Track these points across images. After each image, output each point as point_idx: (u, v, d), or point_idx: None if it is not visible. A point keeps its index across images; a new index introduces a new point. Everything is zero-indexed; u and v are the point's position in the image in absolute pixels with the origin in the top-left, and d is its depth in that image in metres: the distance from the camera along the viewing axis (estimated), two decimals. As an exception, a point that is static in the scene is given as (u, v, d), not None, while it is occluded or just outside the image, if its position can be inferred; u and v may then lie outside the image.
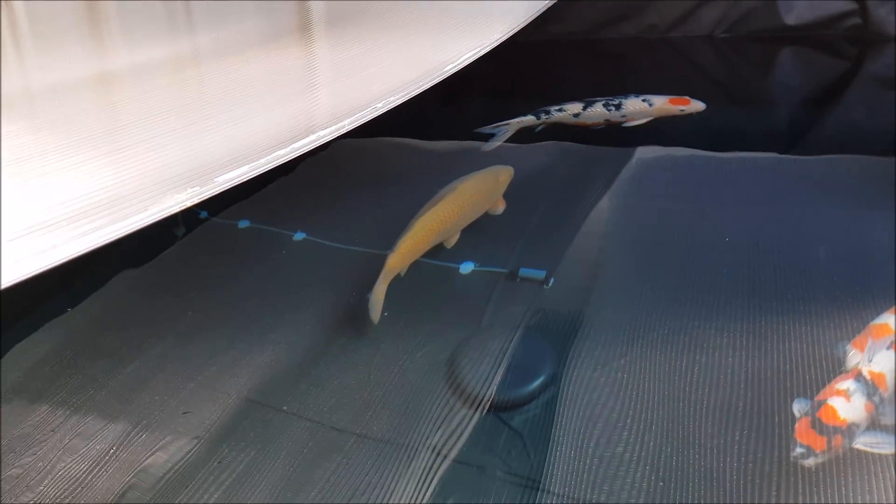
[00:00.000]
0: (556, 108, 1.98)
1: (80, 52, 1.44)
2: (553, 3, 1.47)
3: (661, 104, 1.89)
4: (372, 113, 0.73)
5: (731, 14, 2.42)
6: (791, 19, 2.36)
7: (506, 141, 1.96)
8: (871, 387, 0.94)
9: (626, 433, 1.05)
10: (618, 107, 1.91)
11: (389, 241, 1.56)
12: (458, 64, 0.86)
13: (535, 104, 2.34)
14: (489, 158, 1.86)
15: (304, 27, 1.59)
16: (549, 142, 1.95)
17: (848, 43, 2.33)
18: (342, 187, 1.91)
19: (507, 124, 2.00)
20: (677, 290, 1.31)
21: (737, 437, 1.00)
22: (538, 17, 2.28)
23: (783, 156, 1.76)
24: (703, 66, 2.43)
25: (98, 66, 1.41)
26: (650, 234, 1.52)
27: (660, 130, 1.95)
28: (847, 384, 0.94)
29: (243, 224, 1.77)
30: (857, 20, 2.32)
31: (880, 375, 0.95)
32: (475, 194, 1.49)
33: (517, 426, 1.08)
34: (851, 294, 1.22)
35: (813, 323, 1.16)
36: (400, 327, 1.33)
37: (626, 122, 1.92)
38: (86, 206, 0.71)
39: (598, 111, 1.93)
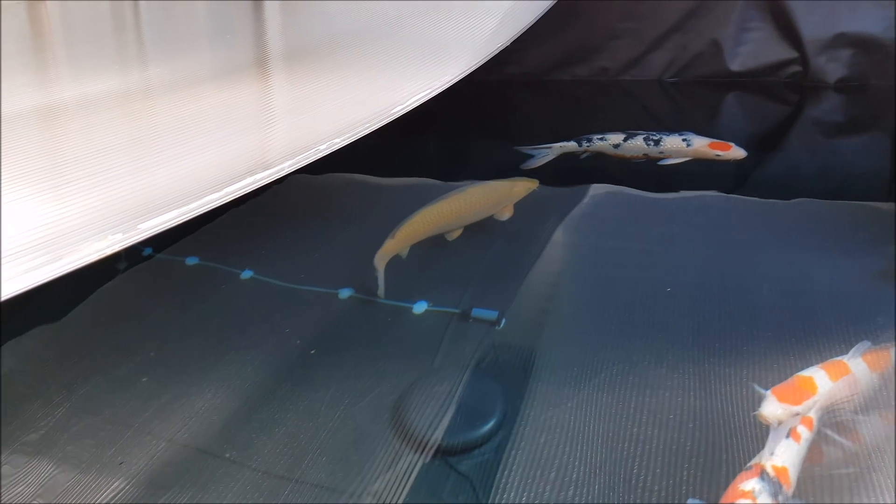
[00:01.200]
0: (599, 136, 1.99)
1: (24, 82, 1.41)
2: (504, 46, 1.49)
3: (700, 146, 1.88)
4: (315, 155, 0.71)
5: (679, 59, 2.51)
6: (736, 66, 2.45)
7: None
8: (775, 484, 0.89)
9: (576, 475, 1.04)
10: (657, 142, 1.91)
11: (340, 280, 1.55)
12: (407, 106, 0.86)
13: (494, 142, 2.38)
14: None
15: (259, 62, 1.58)
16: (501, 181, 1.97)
17: (789, 89, 2.42)
18: (293, 224, 1.88)
19: (550, 148, 2.02)
20: (626, 329, 1.32)
21: (684, 477, 1.00)
22: (494, 58, 2.33)
23: (730, 195, 1.80)
24: (653, 108, 2.50)
25: (42, 98, 1.37)
26: (600, 273, 1.54)
27: (611, 169, 1.99)
28: (751, 484, 0.89)
29: (191, 261, 1.73)
30: (797, 68, 2.42)
31: (783, 470, 0.91)
32: (481, 197, 1.63)
33: (465, 470, 1.06)
34: (794, 334, 1.24)
35: (755, 364, 1.18)
36: (349, 369, 1.30)
37: (663, 158, 1.92)
38: (26, 243, 0.67)
39: (637, 144, 1.93)
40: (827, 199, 1.73)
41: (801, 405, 0.98)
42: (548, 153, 2.01)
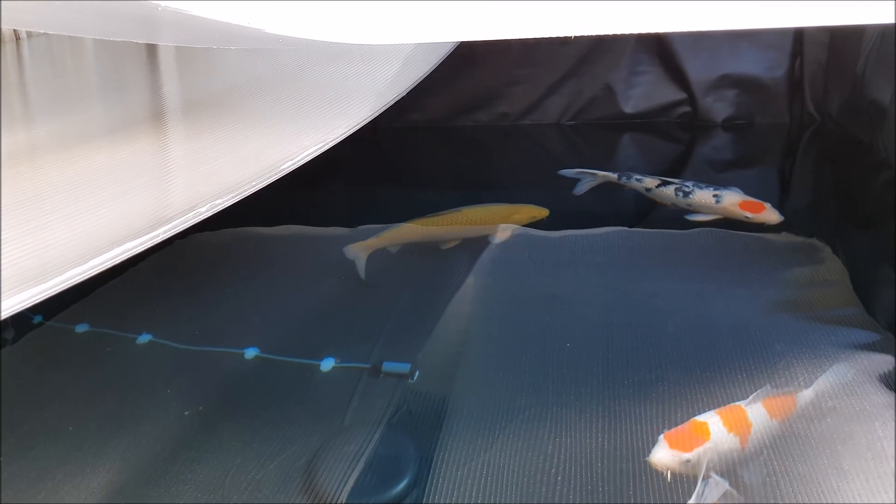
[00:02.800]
0: (637, 176, 1.98)
1: None
2: (404, 93, 1.49)
3: (730, 204, 1.76)
4: (195, 217, 0.68)
5: (575, 104, 2.60)
6: (629, 108, 2.57)
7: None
8: None
9: (494, 530, 1.01)
10: (686, 194, 1.83)
11: (245, 339, 1.48)
12: (297, 161, 0.83)
13: (399, 189, 2.38)
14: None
15: (154, 116, 1.52)
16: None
17: (680, 128, 2.55)
18: (195, 282, 1.80)
19: (595, 174, 2.02)
20: (538, 372, 1.31)
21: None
22: (397, 105, 2.33)
23: (632, 229, 1.85)
24: (553, 151, 2.57)
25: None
26: (511, 316, 1.53)
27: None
28: None
29: (81, 328, 1.62)
30: (687, 108, 2.55)
31: None
32: (476, 216, 1.79)
33: (379, 536, 1.02)
34: (699, 369, 1.27)
35: (662, 401, 1.19)
36: (254, 433, 1.23)
37: (691, 211, 1.82)
38: None
39: (667, 193, 1.88)
40: (722, 229, 1.80)
41: (691, 452, 0.98)
42: (593, 179, 2.02)
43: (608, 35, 2.50)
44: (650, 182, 1.94)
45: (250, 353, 1.44)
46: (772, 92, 2.46)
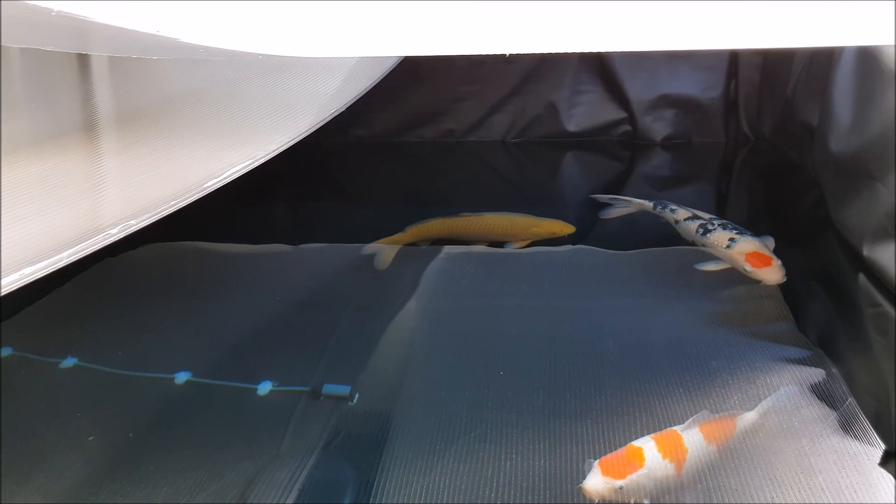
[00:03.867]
0: (672, 207, 1.86)
1: None
2: (345, 108, 1.47)
3: (738, 252, 1.57)
4: (106, 239, 0.64)
5: (520, 121, 2.63)
6: (572, 126, 2.60)
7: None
8: None
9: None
10: (705, 232, 1.69)
11: (176, 363, 1.43)
12: (223, 179, 0.80)
13: (343, 204, 2.35)
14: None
15: (85, 127, 1.45)
16: (354, 244, 1.93)
17: (622, 147, 2.59)
18: (124, 302, 1.73)
19: (629, 201, 1.97)
20: (480, 393, 1.30)
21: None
22: (342, 120, 2.30)
23: (575, 246, 1.86)
24: (498, 168, 2.58)
25: None
26: (454, 335, 1.51)
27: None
28: None
29: (5, 352, 1.53)
30: (627, 127, 2.60)
31: None
32: (497, 224, 1.85)
33: (315, 567, 0.98)
34: (638, 387, 1.27)
35: (602, 421, 1.19)
36: (186, 462, 1.18)
37: (705, 251, 1.69)
38: None
39: (690, 228, 1.74)
40: (661, 247, 1.82)
41: (624, 479, 0.98)
42: (626, 206, 1.98)
43: (551, 54, 2.55)
44: (681, 214, 1.82)
45: (182, 377, 1.38)
46: (708, 112, 2.53)
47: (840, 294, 1.50)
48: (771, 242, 1.63)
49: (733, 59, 2.46)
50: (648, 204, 1.94)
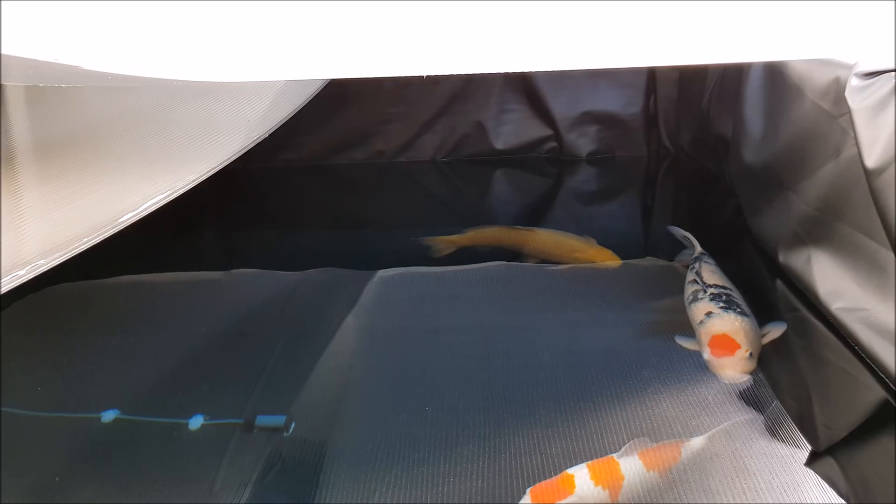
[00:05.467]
0: (707, 260, 1.64)
1: None
2: (266, 136, 1.45)
3: (704, 332, 1.37)
4: (13, 281, 0.61)
5: (449, 141, 2.65)
6: (500, 144, 2.64)
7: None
8: None
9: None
10: (692, 300, 1.48)
11: (103, 401, 1.37)
12: (140, 212, 0.78)
13: (273, 229, 2.31)
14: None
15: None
16: (292, 272, 1.90)
17: (549, 163, 2.65)
18: (46, 339, 1.64)
19: (694, 244, 1.74)
20: (417, 417, 1.29)
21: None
22: (271, 145, 2.26)
23: (510, 263, 1.88)
24: (429, 187, 2.60)
25: None
26: (390, 359, 1.50)
27: (399, 250, 2.01)
28: None
29: None
30: (554, 144, 2.66)
31: None
32: (544, 242, 1.87)
33: None
34: (574, 401, 1.29)
35: (539, 439, 1.20)
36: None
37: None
38: None
39: (689, 290, 1.53)
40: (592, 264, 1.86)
41: None
42: (690, 250, 1.75)
43: (476, 75, 2.58)
44: (691, 277, 1.57)
45: (109, 415, 1.33)
46: (630, 127, 2.61)
47: (760, 300, 1.56)
48: (777, 330, 1.40)
49: (651, 76, 2.55)
50: (698, 251, 1.69)
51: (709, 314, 1.38)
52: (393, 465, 1.17)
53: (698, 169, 2.43)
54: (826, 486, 1.07)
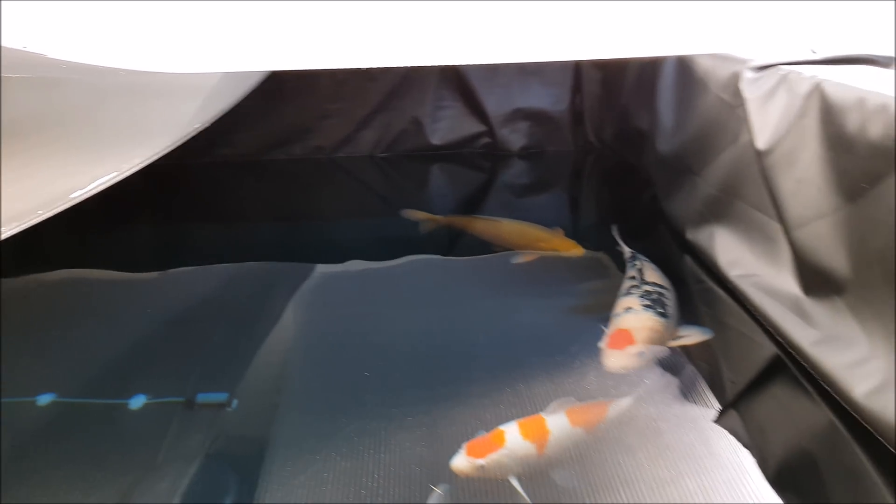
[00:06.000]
0: (638, 262, 1.68)
1: None
2: (201, 129, 1.49)
3: (613, 325, 1.45)
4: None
5: (386, 136, 2.72)
6: (436, 140, 2.73)
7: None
8: None
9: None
10: (624, 294, 1.54)
11: (39, 386, 1.38)
12: (88, 191, 0.82)
13: (210, 225, 2.33)
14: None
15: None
16: (230, 264, 1.93)
17: (483, 158, 2.74)
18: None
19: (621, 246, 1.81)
20: (358, 392, 1.35)
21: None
22: (206, 140, 2.28)
23: (446, 257, 1.96)
24: (368, 182, 2.65)
25: None
26: (332, 342, 1.55)
27: (340, 245, 2.07)
28: None
29: None
30: (487, 139, 2.76)
31: None
32: (509, 232, 1.96)
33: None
34: (507, 376, 1.36)
35: (475, 408, 1.27)
36: (58, 483, 1.16)
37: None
38: None
39: (622, 288, 1.58)
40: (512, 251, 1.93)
41: (485, 458, 1.09)
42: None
43: (412, 72, 2.66)
44: (630, 273, 1.63)
45: (45, 398, 1.34)
46: (558, 123, 2.74)
47: (674, 275, 1.66)
48: (698, 336, 1.43)
49: (577, 75, 2.68)
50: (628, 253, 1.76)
51: (628, 309, 1.46)
52: (335, 435, 1.23)
53: (620, 161, 2.57)
54: (731, 437, 1.19)
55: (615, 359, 1.34)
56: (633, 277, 1.59)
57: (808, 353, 1.23)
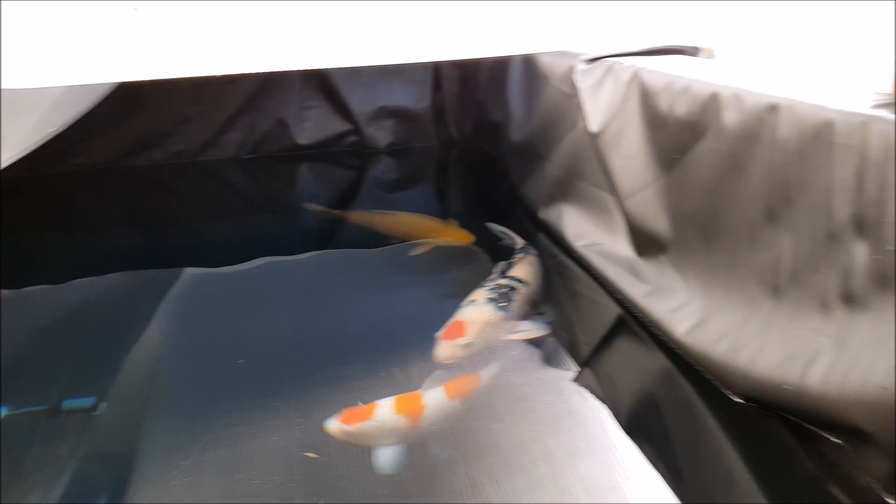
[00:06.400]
0: (516, 256, 1.73)
1: None
2: (51, 136, 1.45)
3: (452, 318, 1.49)
4: None
5: (251, 137, 2.71)
6: (302, 139, 2.75)
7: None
8: None
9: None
10: (481, 286, 1.58)
11: None
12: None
13: (66, 236, 2.22)
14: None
15: None
16: (92, 278, 1.87)
17: (351, 155, 2.80)
18: None
19: (514, 239, 1.84)
20: (235, 384, 1.36)
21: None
22: (57, 150, 2.17)
23: (320, 252, 1.99)
24: (235, 184, 2.63)
25: None
26: (206, 339, 1.55)
27: (207, 248, 2.06)
28: None
29: None
30: (354, 137, 2.82)
31: None
32: (406, 224, 2.04)
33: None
34: (382, 358, 1.42)
35: (352, 387, 1.32)
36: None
37: None
38: None
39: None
40: (402, 243, 1.99)
41: (352, 426, 1.17)
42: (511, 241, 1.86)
43: (275, 73, 2.67)
44: (515, 265, 1.68)
45: None
46: (422, 120, 2.85)
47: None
48: (536, 331, 1.48)
49: (437, 74, 2.80)
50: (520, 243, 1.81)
51: (472, 301, 1.51)
52: (210, 428, 1.23)
53: (480, 153, 2.71)
54: (587, 394, 1.30)
55: (442, 349, 1.38)
56: (497, 270, 1.65)
57: (641, 304, 1.39)
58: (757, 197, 1.10)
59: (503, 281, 1.58)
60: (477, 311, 1.47)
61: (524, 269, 1.64)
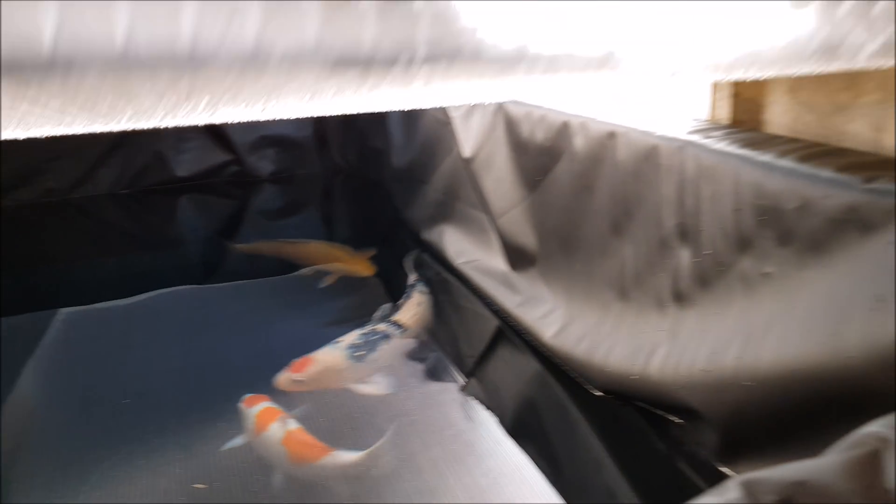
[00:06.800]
0: (414, 292, 1.74)
1: None
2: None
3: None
4: None
5: (127, 172, 2.65)
6: (182, 172, 2.72)
7: None
8: None
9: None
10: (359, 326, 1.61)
11: None
12: None
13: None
14: None
15: None
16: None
17: (233, 186, 2.79)
18: None
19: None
20: (113, 422, 1.35)
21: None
22: None
23: (202, 286, 1.98)
24: (111, 221, 2.57)
25: None
26: (84, 383, 1.51)
27: (82, 287, 2.00)
28: None
29: None
30: (236, 167, 2.81)
31: None
32: (308, 252, 2.06)
33: None
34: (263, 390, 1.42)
35: (232, 421, 1.32)
36: None
37: None
38: None
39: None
40: (284, 275, 2.02)
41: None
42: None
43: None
44: (403, 305, 1.69)
45: None
46: (304, 148, 2.88)
47: (417, 272, 1.84)
48: (380, 387, 1.46)
49: (317, 101, 2.84)
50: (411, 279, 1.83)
51: (336, 342, 1.53)
52: (90, 474, 1.21)
53: (364, 179, 2.78)
54: (475, 403, 1.37)
55: (282, 379, 1.43)
56: (378, 314, 1.67)
57: (514, 314, 1.51)
58: (605, 212, 1.25)
59: (381, 326, 1.58)
60: (329, 355, 1.50)
61: (409, 312, 1.65)
